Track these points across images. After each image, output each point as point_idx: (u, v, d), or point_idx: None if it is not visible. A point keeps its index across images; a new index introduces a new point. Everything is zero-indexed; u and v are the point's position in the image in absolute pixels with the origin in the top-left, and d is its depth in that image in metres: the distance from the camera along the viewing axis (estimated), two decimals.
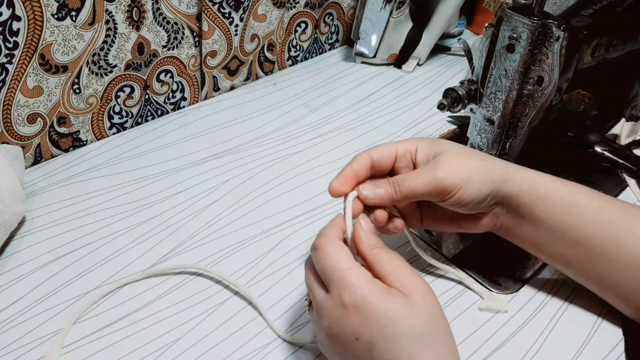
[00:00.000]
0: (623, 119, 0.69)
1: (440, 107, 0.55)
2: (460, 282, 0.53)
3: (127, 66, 0.65)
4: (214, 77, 0.74)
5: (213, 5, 0.67)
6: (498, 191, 0.45)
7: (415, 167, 0.46)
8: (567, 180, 0.48)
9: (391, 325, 0.36)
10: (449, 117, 0.74)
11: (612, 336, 0.49)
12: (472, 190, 0.44)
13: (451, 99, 0.54)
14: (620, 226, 0.46)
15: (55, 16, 0.56)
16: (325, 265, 0.38)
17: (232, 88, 0.78)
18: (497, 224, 0.48)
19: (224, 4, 0.68)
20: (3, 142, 0.59)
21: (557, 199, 0.46)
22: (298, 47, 0.83)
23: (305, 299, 0.43)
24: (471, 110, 0.56)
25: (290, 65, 0.84)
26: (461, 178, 0.43)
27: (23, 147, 0.61)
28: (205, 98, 0.76)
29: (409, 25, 0.81)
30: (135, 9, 0.62)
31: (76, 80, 0.62)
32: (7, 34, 0.54)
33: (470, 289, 0.52)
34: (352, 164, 0.45)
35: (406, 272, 0.39)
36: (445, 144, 0.46)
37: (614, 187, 0.64)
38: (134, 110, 0.69)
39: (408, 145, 0.46)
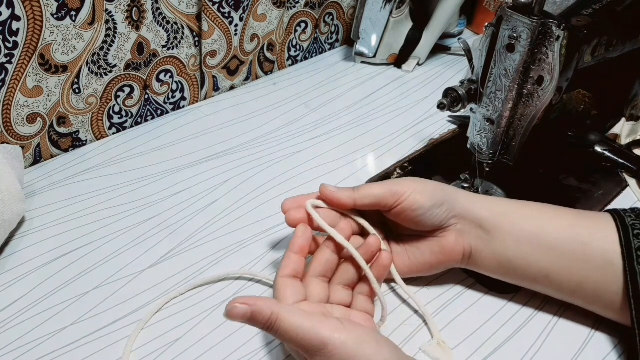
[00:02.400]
0: (623, 119, 0.69)
1: (440, 107, 0.55)
2: (458, 284, 0.53)
3: (127, 66, 0.65)
4: (213, 77, 0.74)
5: (213, 5, 0.67)
6: (453, 202, 0.48)
7: None
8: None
9: None
10: (449, 117, 0.74)
11: (612, 336, 0.49)
12: (424, 195, 0.47)
13: (451, 99, 0.54)
14: (581, 226, 0.47)
15: (55, 16, 0.56)
16: None
17: (232, 88, 0.78)
18: (466, 246, 0.49)
19: (224, 4, 0.68)
20: (3, 142, 0.59)
21: (513, 211, 0.49)
22: (298, 47, 0.83)
23: None
24: (471, 110, 0.56)
25: (290, 65, 0.84)
26: (414, 188, 0.47)
27: (23, 147, 0.61)
28: (205, 98, 0.76)
29: (409, 25, 0.81)
30: (135, 8, 0.62)
31: (76, 80, 0.62)
32: (6, 33, 0.54)
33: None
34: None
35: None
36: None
37: (614, 187, 0.64)
38: (134, 110, 0.69)
39: None
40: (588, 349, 0.48)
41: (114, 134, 0.69)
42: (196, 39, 0.70)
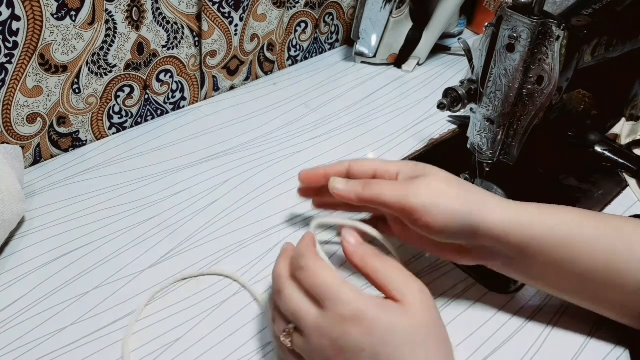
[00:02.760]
0: (623, 119, 0.69)
1: (440, 106, 0.55)
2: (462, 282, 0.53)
3: (127, 66, 0.65)
4: (213, 77, 0.74)
5: (213, 5, 0.67)
6: (476, 229, 0.43)
7: None
8: (551, 208, 0.45)
9: (391, 336, 0.36)
10: (449, 117, 0.74)
11: (612, 336, 0.49)
12: (440, 217, 0.42)
13: (451, 99, 0.54)
14: (620, 253, 0.43)
15: (55, 16, 0.56)
16: (316, 282, 0.38)
17: (232, 88, 0.78)
18: (485, 262, 0.46)
19: (224, 4, 0.68)
20: (3, 142, 0.59)
21: (545, 235, 0.43)
22: (298, 47, 0.83)
23: (285, 332, 0.40)
24: (471, 110, 0.56)
25: (290, 65, 0.84)
26: (429, 201, 0.42)
27: (23, 147, 0.61)
28: (205, 98, 0.76)
29: (409, 25, 0.81)
30: (135, 8, 0.62)
31: (76, 80, 0.62)
32: (6, 33, 0.54)
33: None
34: (329, 166, 0.48)
35: (402, 279, 0.38)
36: (429, 169, 0.45)
37: (614, 187, 0.64)
38: (134, 110, 0.69)
39: (390, 167, 0.46)
40: (588, 348, 0.48)
41: (114, 134, 0.69)
42: (196, 39, 0.70)
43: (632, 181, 0.65)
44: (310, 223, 0.46)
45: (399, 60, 0.84)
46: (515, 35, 0.49)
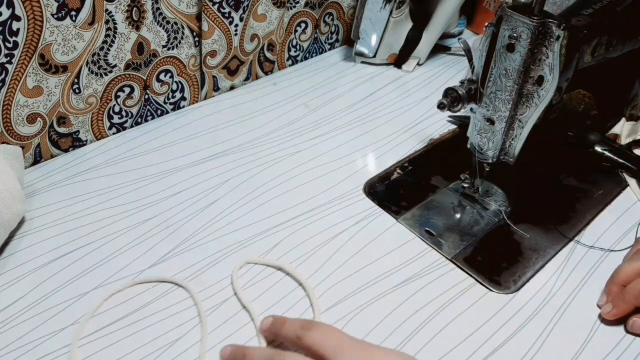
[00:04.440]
0: (623, 119, 0.69)
1: (440, 106, 0.55)
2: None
3: (127, 66, 0.65)
4: (213, 77, 0.74)
5: (213, 5, 0.67)
6: None
7: None
8: None
9: None
10: (449, 117, 0.74)
11: (612, 336, 0.49)
12: None
13: (451, 99, 0.54)
14: None
15: (55, 16, 0.56)
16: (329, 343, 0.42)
17: (232, 88, 0.78)
18: None
19: (224, 4, 0.68)
20: (3, 142, 0.59)
21: None
22: (298, 47, 0.83)
23: None
24: (471, 109, 0.56)
25: (290, 65, 0.84)
26: None
27: (23, 147, 0.61)
28: (205, 98, 0.76)
29: (409, 25, 0.81)
30: (135, 8, 0.62)
31: (76, 80, 0.62)
32: (6, 33, 0.54)
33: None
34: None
35: None
36: None
37: (614, 187, 0.64)
38: (134, 110, 0.69)
39: None
40: (588, 348, 0.48)
41: (114, 134, 0.69)
42: (196, 39, 0.70)
43: (632, 181, 0.65)
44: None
45: (399, 60, 0.84)
46: (515, 35, 0.49)
